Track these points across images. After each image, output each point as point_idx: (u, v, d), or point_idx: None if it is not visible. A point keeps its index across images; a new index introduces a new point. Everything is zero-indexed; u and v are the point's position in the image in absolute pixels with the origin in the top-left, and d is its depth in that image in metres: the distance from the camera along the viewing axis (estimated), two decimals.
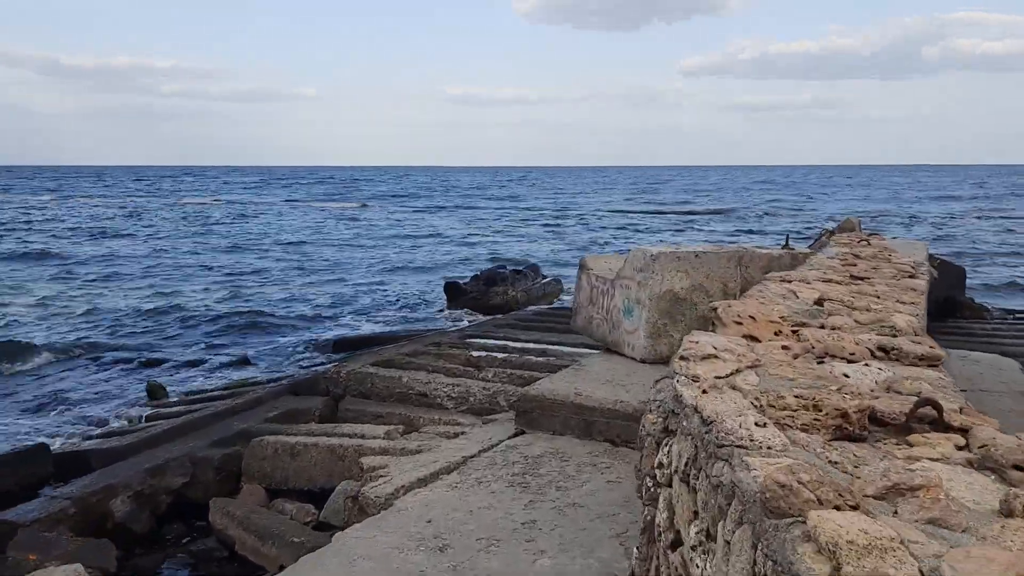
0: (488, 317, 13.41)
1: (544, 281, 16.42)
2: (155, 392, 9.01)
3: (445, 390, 7.48)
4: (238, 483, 6.33)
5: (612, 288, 7.18)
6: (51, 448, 6.78)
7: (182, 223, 41.86)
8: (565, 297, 15.86)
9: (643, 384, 6.03)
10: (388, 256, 27.69)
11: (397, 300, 18.36)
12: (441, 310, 15.47)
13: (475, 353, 8.80)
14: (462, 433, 6.21)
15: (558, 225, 41.49)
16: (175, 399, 8.84)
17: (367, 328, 14.70)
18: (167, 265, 24.86)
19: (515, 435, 5.86)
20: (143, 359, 12.00)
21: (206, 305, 17.46)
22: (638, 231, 38.51)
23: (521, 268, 16.36)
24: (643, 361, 6.64)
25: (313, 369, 8.91)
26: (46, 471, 6.62)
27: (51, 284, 20.73)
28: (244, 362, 11.76)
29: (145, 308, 16.86)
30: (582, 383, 6.05)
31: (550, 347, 9.10)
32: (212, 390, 9.19)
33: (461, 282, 15.49)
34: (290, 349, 12.83)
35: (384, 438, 6.25)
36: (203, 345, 13.51)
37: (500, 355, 8.70)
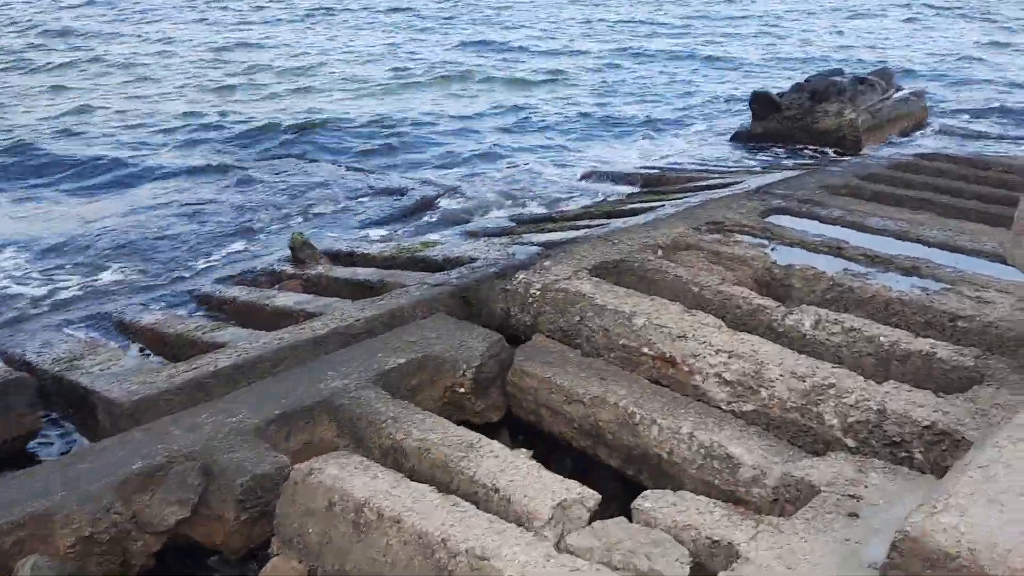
0: (810, 161, 9.01)
1: (898, 96, 11.32)
2: (299, 250, 6.20)
3: (714, 360, 3.76)
4: (271, 538, 3.28)
5: None
6: (42, 372, 4.22)
7: None
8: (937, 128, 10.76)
9: None
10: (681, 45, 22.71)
11: (686, 114, 14.08)
12: (738, 133, 11.09)
13: (780, 259, 4.85)
14: (736, 556, 2.57)
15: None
16: (319, 269, 5.98)
17: (630, 156, 10.85)
18: None
19: None
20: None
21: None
22: None
23: (865, 76, 11.28)
24: None
25: (508, 251, 5.52)
26: (30, 420, 4.08)
27: None
28: (452, 193, 8.66)
29: None
30: None
31: (930, 259, 4.87)
32: (368, 256, 6.21)
33: (775, 93, 10.93)
34: (509, 178, 9.49)
35: (544, 528, 2.77)
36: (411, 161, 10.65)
37: (829, 271, 4.67)
